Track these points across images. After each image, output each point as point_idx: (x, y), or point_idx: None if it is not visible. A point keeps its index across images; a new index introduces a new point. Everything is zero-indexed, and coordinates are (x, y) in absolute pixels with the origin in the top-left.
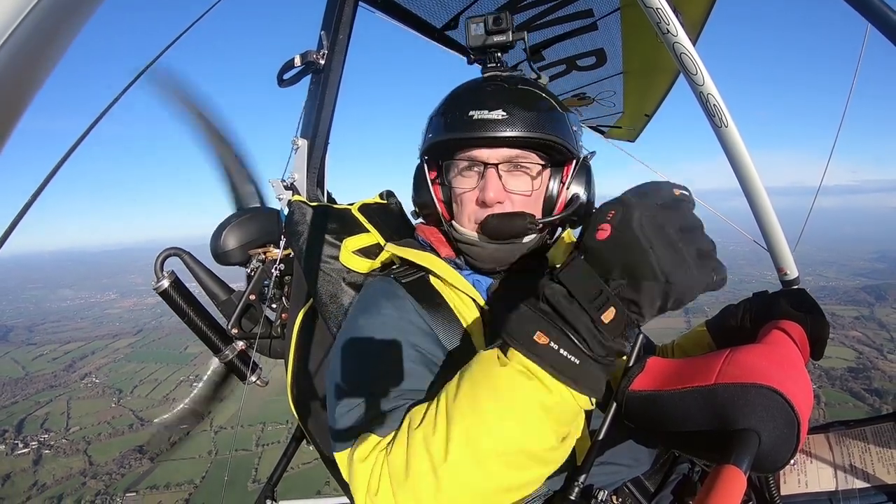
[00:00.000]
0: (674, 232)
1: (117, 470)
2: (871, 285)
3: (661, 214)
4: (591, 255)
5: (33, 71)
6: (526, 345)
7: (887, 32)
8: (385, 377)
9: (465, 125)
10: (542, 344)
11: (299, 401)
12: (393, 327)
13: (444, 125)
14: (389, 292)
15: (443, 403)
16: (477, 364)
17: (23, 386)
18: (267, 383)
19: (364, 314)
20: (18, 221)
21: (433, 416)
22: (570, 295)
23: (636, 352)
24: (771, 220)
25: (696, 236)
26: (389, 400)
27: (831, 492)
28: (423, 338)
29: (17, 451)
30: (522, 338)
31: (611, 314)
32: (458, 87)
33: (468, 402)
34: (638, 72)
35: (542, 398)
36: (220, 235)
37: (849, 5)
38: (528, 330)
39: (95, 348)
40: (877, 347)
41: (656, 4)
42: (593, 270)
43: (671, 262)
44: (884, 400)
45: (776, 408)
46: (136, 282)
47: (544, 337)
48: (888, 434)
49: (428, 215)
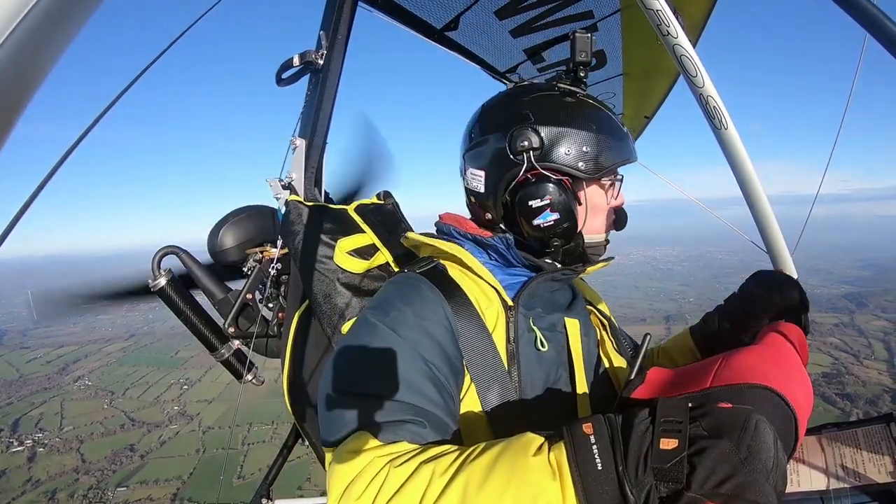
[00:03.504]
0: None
1: (109, 466)
2: (854, 293)
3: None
4: (712, 413)
5: (32, 71)
6: (571, 430)
7: (886, 44)
8: (391, 385)
9: (630, 150)
10: (585, 432)
11: (296, 400)
12: (407, 336)
13: (627, 148)
14: (409, 293)
15: (465, 454)
16: (517, 439)
17: (17, 388)
18: (262, 382)
19: (378, 313)
20: (14, 224)
21: (450, 461)
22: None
23: (639, 363)
24: (770, 223)
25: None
26: (394, 411)
27: (822, 491)
28: (436, 352)
29: (13, 448)
30: (576, 427)
31: (672, 444)
32: (585, 103)
33: (486, 463)
34: (638, 74)
35: (549, 500)
36: (217, 234)
37: (848, 15)
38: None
39: (88, 352)
40: (853, 353)
41: (657, 6)
42: (687, 407)
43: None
44: (854, 404)
45: (771, 405)
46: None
47: (590, 428)
48: (879, 436)
49: (560, 233)
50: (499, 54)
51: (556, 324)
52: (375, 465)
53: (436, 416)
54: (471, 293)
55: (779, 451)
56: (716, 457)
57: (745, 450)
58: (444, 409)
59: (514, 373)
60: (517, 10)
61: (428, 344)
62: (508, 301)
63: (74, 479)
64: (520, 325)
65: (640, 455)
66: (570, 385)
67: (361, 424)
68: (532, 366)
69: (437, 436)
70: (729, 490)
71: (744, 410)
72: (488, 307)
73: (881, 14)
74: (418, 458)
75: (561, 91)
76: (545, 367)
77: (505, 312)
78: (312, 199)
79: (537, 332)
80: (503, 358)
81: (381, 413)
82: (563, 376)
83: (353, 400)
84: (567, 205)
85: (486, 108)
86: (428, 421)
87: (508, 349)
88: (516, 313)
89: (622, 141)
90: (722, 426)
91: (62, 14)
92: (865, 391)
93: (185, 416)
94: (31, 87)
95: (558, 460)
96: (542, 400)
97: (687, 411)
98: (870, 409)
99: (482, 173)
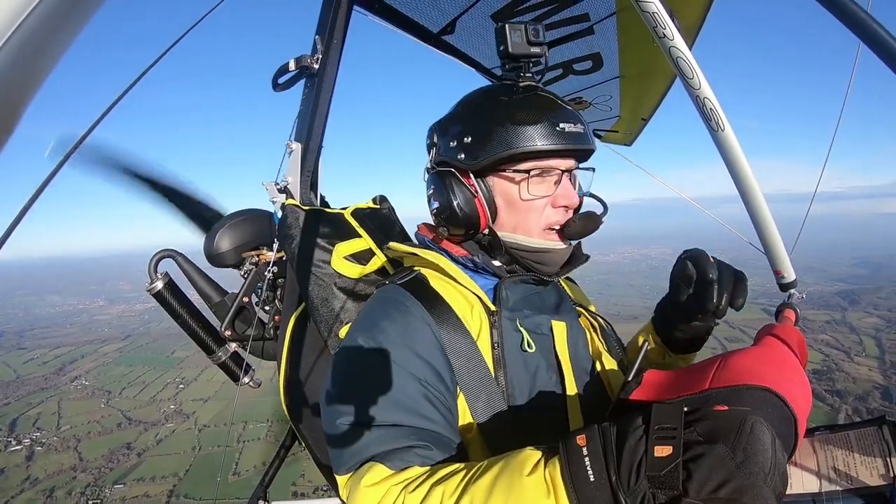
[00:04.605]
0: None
1: (106, 464)
2: (847, 290)
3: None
4: (706, 416)
5: (33, 71)
6: (566, 443)
7: (879, 52)
8: (393, 413)
9: (559, 136)
10: (578, 444)
11: (292, 403)
12: (398, 359)
13: (529, 136)
14: (392, 311)
15: (470, 473)
16: (515, 456)
17: (14, 388)
18: (259, 385)
19: (366, 335)
20: (14, 227)
21: (457, 483)
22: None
23: (636, 366)
24: (768, 224)
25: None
26: (400, 438)
27: (814, 493)
28: (427, 370)
29: (11, 448)
30: (570, 440)
31: (666, 451)
32: (498, 94)
33: (487, 484)
34: (634, 76)
35: None
36: (213, 237)
37: (843, 24)
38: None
39: (85, 352)
40: (845, 350)
41: (652, 9)
42: (682, 412)
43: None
44: (844, 400)
45: (770, 406)
46: (125, 289)
47: (583, 439)
48: (871, 438)
49: (461, 224)
50: (495, 58)
51: (542, 325)
52: (392, 493)
53: (439, 435)
54: (453, 302)
55: (777, 453)
56: (711, 462)
57: (741, 453)
58: (445, 425)
59: (500, 377)
60: (514, 13)
61: (419, 363)
62: (491, 306)
63: (72, 477)
64: (505, 328)
65: (634, 464)
66: (560, 388)
67: (371, 454)
68: (519, 369)
69: (444, 454)
70: (726, 495)
71: (740, 413)
72: (471, 314)
73: (874, 23)
74: (429, 481)
75: (493, 87)
76: (532, 369)
77: (488, 318)
78: (308, 203)
79: (524, 333)
80: (489, 364)
81: (389, 441)
82: (553, 379)
83: (359, 430)
84: (447, 193)
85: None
86: (433, 442)
87: (494, 354)
88: (499, 317)
89: (528, 130)
90: (717, 430)
91: (64, 14)
92: (855, 388)
93: (181, 415)
94: (32, 88)
95: (553, 477)
96: (531, 404)
97: (682, 416)
98: (859, 405)
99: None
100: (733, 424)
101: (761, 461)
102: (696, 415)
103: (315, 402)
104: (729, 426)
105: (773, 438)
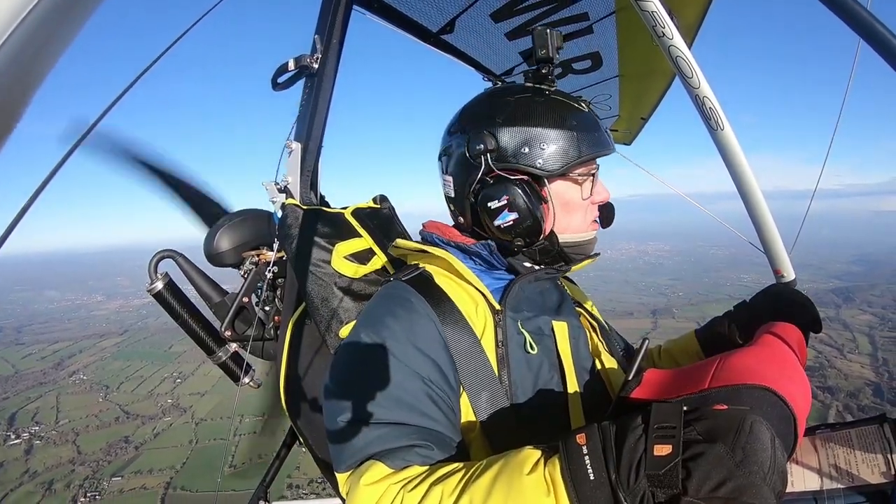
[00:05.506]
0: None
1: (104, 458)
2: (841, 287)
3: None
4: (705, 415)
5: (33, 70)
6: (566, 442)
7: (878, 48)
8: (395, 411)
9: (601, 143)
10: (578, 443)
11: (292, 402)
12: (402, 357)
13: (594, 141)
14: (396, 307)
15: (469, 472)
16: (515, 455)
17: (13, 383)
18: (259, 385)
19: (370, 331)
20: (15, 225)
21: (456, 482)
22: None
23: (637, 364)
24: (767, 223)
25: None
26: (401, 436)
27: (816, 491)
28: (431, 368)
29: (10, 442)
30: (570, 439)
31: (666, 450)
32: (552, 100)
33: (486, 483)
34: (634, 75)
35: None
36: (213, 237)
37: (844, 22)
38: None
39: (83, 347)
40: (837, 347)
41: (652, 8)
42: (681, 411)
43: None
44: (835, 397)
45: (769, 405)
46: (123, 284)
47: (583, 438)
48: (872, 436)
49: (537, 234)
50: (495, 57)
51: (544, 327)
52: (391, 492)
53: (440, 435)
54: (458, 299)
55: (776, 452)
56: (710, 461)
57: (740, 452)
58: (446, 425)
59: (504, 376)
60: (513, 12)
61: (423, 361)
62: (496, 305)
63: (70, 471)
64: (508, 329)
65: (633, 462)
66: (562, 387)
67: (372, 453)
68: (522, 368)
69: (444, 453)
70: (726, 494)
71: (739, 412)
72: (476, 312)
73: (875, 20)
74: (428, 480)
75: (526, 90)
76: (535, 369)
77: (493, 316)
78: (308, 203)
79: (526, 335)
80: (493, 362)
81: (390, 440)
82: (555, 378)
83: (360, 427)
84: (526, 204)
85: (457, 112)
86: (434, 441)
87: (498, 353)
88: (504, 317)
89: (588, 135)
90: (717, 429)
91: (64, 13)
92: (847, 384)
93: (179, 409)
94: (33, 87)
95: (552, 476)
96: (533, 403)
97: (681, 415)
98: (850, 401)
99: (451, 178)
100: (733, 424)
101: (760, 460)
102: (696, 414)
103: (315, 401)
104: (728, 425)
105: (773, 437)
